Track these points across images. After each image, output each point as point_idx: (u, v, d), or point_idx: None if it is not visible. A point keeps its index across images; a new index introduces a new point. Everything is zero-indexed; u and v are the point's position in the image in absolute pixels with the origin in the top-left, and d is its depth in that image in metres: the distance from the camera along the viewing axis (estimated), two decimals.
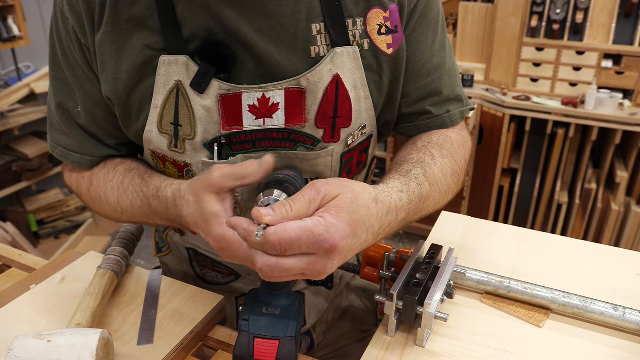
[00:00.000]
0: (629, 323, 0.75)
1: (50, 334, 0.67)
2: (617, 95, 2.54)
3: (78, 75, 0.77)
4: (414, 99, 0.83)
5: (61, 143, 0.84)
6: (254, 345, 0.67)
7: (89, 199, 0.86)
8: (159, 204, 0.72)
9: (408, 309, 0.72)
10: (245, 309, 0.70)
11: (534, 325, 0.78)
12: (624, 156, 2.76)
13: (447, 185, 0.77)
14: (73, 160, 0.84)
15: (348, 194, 0.58)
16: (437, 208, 0.78)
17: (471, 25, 2.99)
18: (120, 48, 0.71)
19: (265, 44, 0.70)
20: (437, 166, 0.76)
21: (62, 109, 0.81)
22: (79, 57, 0.76)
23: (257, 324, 0.68)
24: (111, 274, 0.85)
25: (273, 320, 0.68)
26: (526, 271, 0.90)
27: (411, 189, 0.69)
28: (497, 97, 2.74)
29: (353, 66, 0.74)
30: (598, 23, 2.58)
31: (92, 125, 0.81)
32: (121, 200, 0.79)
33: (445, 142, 0.82)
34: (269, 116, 0.73)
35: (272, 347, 0.67)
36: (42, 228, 3.21)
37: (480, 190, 3.04)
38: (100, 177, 0.82)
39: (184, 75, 0.71)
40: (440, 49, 0.83)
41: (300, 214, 0.55)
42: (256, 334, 0.67)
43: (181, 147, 0.75)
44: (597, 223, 2.82)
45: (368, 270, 0.87)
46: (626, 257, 0.95)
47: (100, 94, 0.78)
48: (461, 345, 0.75)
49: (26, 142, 3.09)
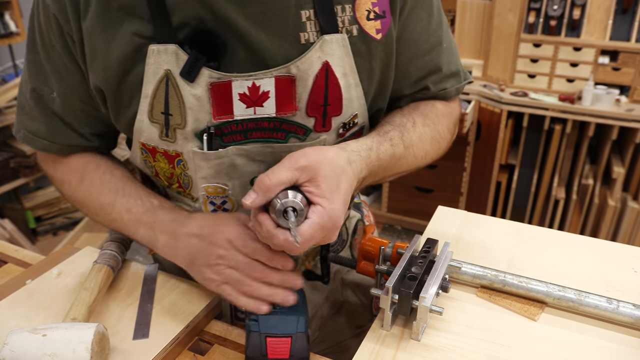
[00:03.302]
0: (623, 316, 0.75)
1: (46, 329, 0.67)
2: (613, 91, 2.55)
3: (55, 62, 0.76)
4: (414, 79, 0.84)
5: (28, 127, 0.83)
6: (267, 345, 0.67)
7: (74, 192, 0.85)
8: (166, 215, 0.78)
9: (403, 303, 0.73)
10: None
11: (529, 319, 0.79)
12: (621, 152, 2.77)
13: (424, 150, 0.82)
14: (38, 146, 0.83)
15: (327, 167, 0.64)
16: (411, 169, 0.83)
17: (469, 21, 2.99)
18: (110, 36, 0.70)
19: (256, 31, 0.70)
20: (416, 132, 0.81)
21: (37, 94, 0.80)
22: (58, 44, 0.75)
23: (267, 323, 0.68)
24: (107, 268, 0.85)
25: (283, 318, 0.68)
26: (522, 265, 0.90)
27: (382, 148, 0.74)
28: (495, 93, 2.74)
29: (342, 53, 0.74)
30: (595, 19, 2.59)
31: (66, 113, 0.80)
32: (117, 202, 0.79)
33: (431, 112, 0.85)
34: (260, 104, 0.73)
35: (285, 345, 0.67)
36: (40, 225, 3.21)
37: (477, 186, 3.04)
38: (95, 177, 0.82)
39: (173, 64, 0.70)
40: (437, 28, 0.83)
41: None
42: (267, 333, 0.67)
43: (172, 136, 0.75)
44: (594, 218, 2.83)
45: (364, 264, 0.87)
46: (621, 251, 0.95)
47: (77, 82, 0.77)
48: (456, 338, 0.75)
49: None
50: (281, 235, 0.61)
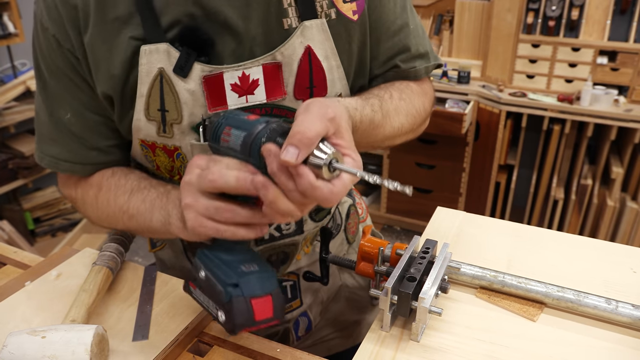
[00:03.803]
0: (622, 316, 0.76)
1: (45, 330, 0.67)
2: (612, 91, 2.55)
3: (64, 83, 0.79)
4: (383, 59, 0.87)
5: (51, 153, 0.84)
6: (253, 308, 0.63)
7: (93, 204, 0.85)
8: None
9: (402, 304, 0.73)
10: (225, 272, 0.65)
11: (528, 319, 0.79)
12: (619, 152, 2.77)
13: (399, 122, 0.84)
14: (64, 169, 0.84)
15: (345, 119, 0.63)
16: (387, 139, 0.84)
17: (467, 22, 2.99)
18: (111, 45, 0.73)
19: (243, 21, 0.73)
20: (393, 104, 0.83)
21: (55, 118, 0.82)
22: (62, 64, 0.77)
23: (249, 284, 0.63)
24: (106, 270, 0.86)
25: (259, 277, 0.65)
26: (521, 266, 0.90)
27: (365, 112, 0.75)
28: (494, 93, 2.74)
29: (322, 37, 0.77)
30: (593, 20, 2.59)
31: (84, 131, 0.82)
32: (132, 198, 0.79)
33: (406, 88, 0.88)
34: (251, 92, 0.76)
35: (267, 304, 0.64)
36: (38, 226, 3.21)
37: (477, 187, 3.05)
38: (111, 183, 0.83)
39: (165, 62, 0.73)
40: (402, 11, 0.87)
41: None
42: (251, 295, 0.63)
43: (169, 131, 0.77)
44: (593, 219, 2.83)
45: (363, 265, 0.87)
46: (620, 251, 0.95)
47: (88, 97, 0.79)
48: (456, 339, 0.75)
49: (22, 139, 3.08)
50: (324, 187, 0.57)
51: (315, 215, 0.93)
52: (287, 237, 0.92)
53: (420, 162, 3.13)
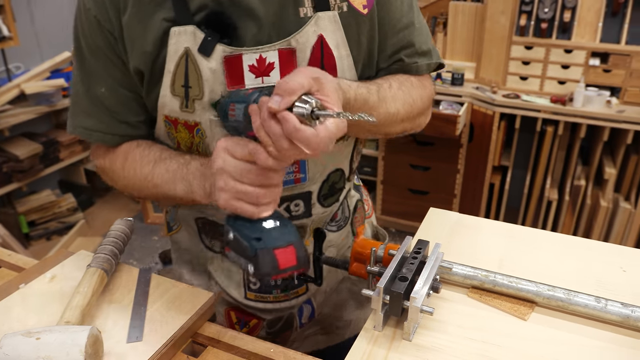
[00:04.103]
0: (611, 315, 0.76)
1: (39, 332, 0.68)
2: (604, 92, 2.57)
3: (102, 61, 0.87)
4: (389, 53, 0.93)
5: (85, 124, 0.92)
6: (277, 257, 0.70)
7: (120, 173, 0.93)
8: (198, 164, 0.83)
9: (394, 303, 0.73)
10: (247, 228, 0.72)
11: (519, 318, 0.80)
12: (612, 153, 2.79)
13: (395, 108, 0.88)
14: (95, 139, 0.92)
15: (331, 82, 0.70)
16: (384, 126, 0.90)
17: (461, 24, 3.01)
18: (145, 26, 0.81)
19: (264, 8, 0.81)
20: (391, 92, 0.88)
21: (91, 93, 0.89)
22: (101, 43, 0.85)
23: (270, 237, 0.71)
24: (101, 272, 0.86)
25: (280, 230, 0.72)
26: (513, 266, 0.91)
27: (359, 91, 0.81)
28: (487, 95, 2.76)
29: (334, 28, 0.84)
30: (585, 22, 2.61)
31: (116, 105, 0.89)
32: (156, 168, 0.87)
33: (406, 81, 0.93)
34: (267, 74, 0.83)
35: (290, 253, 0.71)
36: (33, 229, 3.20)
37: (471, 188, 3.06)
38: (137, 153, 0.91)
39: (191, 43, 0.80)
40: (409, 10, 0.93)
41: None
42: (274, 246, 0.70)
43: (191, 107, 0.84)
44: (587, 219, 2.85)
45: (356, 266, 0.88)
46: (611, 251, 0.96)
47: (121, 74, 0.87)
48: (448, 338, 0.76)
49: (16, 142, 3.08)
50: (307, 130, 0.64)
51: (324, 200, 0.97)
52: (296, 219, 0.95)
53: (415, 164, 3.14)
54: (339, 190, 1.00)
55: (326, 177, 0.95)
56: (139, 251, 3.19)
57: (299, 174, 0.91)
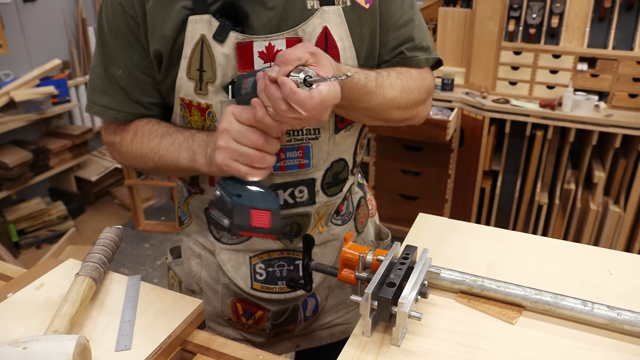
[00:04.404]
0: (597, 317, 0.77)
1: (27, 341, 0.67)
2: (592, 97, 2.59)
3: (122, 44, 0.94)
4: (391, 47, 1.00)
5: (101, 102, 0.98)
6: (251, 215, 0.77)
7: (129, 146, 1.00)
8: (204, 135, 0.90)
9: (382, 309, 0.74)
10: (233, 187, 0.79)
11: (507, 323, 0.80)
12: (601, 156, 2.81)
13: (392, 95, 0.95)
14: (109, 116, 0.99)
15: (328, 59, 0.78)
16: (380, 109, 0.95)
17: (450, 29, 3.03)
18: (166, 12, 0.88)
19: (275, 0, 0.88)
20: (389, 80, 0.95)
21: (108, 73, 0.97)
22: (123, 27, 0.92)
23: (251, 198, 0.78)
24: (89, 280, 0.86)
25: (262, 195, 0.79)
26: (501, 270, 0.92)
27: (356, 76, 0.87)
28: (477, 100, 2.77)
29: (338, 21, 0.90)
30: (573, 27, 2.64)
31: (130, 86, 0.96)
32: (163, 141, 0.94)
33: (406, 72, 1.00)
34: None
35: (266, 217, 0.78)
36: (22, 238, 3.18)
37: (462, 193, 3.07)
38: (146, 129, 0.98)
39: (207, 30, 0.87)
40: (410, 9, 1.01)
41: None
42: (252, 206, 0.78)
43: (204, 89, 0.90)
44: (577, 223, 2.87)
45: (345, 272, 0.88)
46: (597, 254, 0.97)
47: (139, 58, 0.94)
48: (436, 343, 0.76)
49: (6, 150, 3.06)
50: (302, 92, 0.71)
51: (328, 189, 1.02)
52: (300, 205, 1.00)
53: (406, 169, 3.15)
54: (342, 181, 1.04)
55: (329, 166, 1.00)
56: (129, 259, 3.17)
57: (304, 160, 0.96)
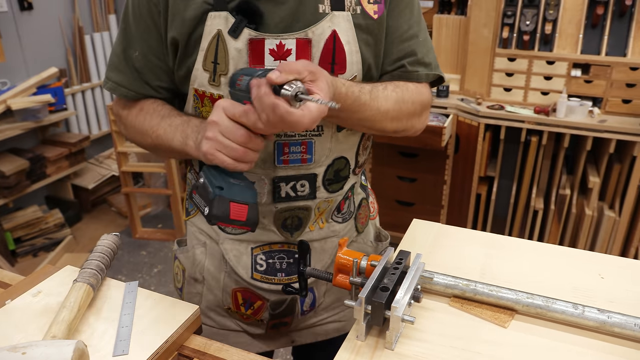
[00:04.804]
0: (588, 320, 0.78)
1: (25, 347, 0.68)
2: (586, 103, 2.62)
3: (142, 28, 1.00)
4: (394, 58, 1.04)
5: (115, 79, 1.05)
6: (230, 208, 0.82)
7: (132, 121, 1.06)
8: (198, 122, 0.95)
9: (376, 313, 0.75)
10: (216, 177, 0.84)
11: (499, 326, 0.81)
12: (596, 162, 2.83)
13: (386, 107, 0.98)
14: (120, 93, 1.05)
15: (325, 78, 0.82)
16: (374, 121, 0.98)
17: (445, 36, 3.05)
18: (187, 4, 0.93)
19: (289, 1, 0.92)
20: (385, 93, 0.99)
21: (126, 53, 1.03)
22: (145, 13, 0.98)
23: (231, 191, 0.83)
24: (87, 287, 0.87)
25: (242, 189, 0.84)
26: (494, 274, 0.93)
27: (351, 89, 0.92)
28: (472, 106, 2.79)
29: (347, 26, 0.95)
30: (566, 34, 2.66)
31: (144, 68, 1.02)
32: (162, 122, 1.00)
33: (403, 85, 1.04)
34: (284, 59, 0.94)
35: (243, 210, 0.83)
36: (19, 246, 3.17)
37: (458, 199, 3.08)
38: (151, 107, 1.04)
39: (223, 26, 0.92)
40: (416, 25, 1.05)
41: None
42: (231, 199, 0.82)
43: (217, 81, 0.95)
44: (573, 228, 2.88)
45: (340, 277, 0.89)
46: (588, 258, 0.98)
47: (156, 43, 1.00)
48: (429, 347, 0.77)
49: (3, 158, 3.07)
50: (296, 112, 0.76)
51: (329, 185, 1.05)
52: (301, 199, 1.03)
53: (402, 176, 3.16)
54: (344, 179, 1.07)
55: (331, 162, 1.03)
56: (126, 267, 3.17)
57: (306, 155, 1.00)
